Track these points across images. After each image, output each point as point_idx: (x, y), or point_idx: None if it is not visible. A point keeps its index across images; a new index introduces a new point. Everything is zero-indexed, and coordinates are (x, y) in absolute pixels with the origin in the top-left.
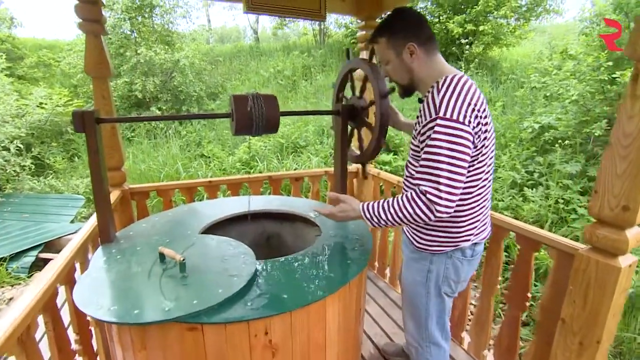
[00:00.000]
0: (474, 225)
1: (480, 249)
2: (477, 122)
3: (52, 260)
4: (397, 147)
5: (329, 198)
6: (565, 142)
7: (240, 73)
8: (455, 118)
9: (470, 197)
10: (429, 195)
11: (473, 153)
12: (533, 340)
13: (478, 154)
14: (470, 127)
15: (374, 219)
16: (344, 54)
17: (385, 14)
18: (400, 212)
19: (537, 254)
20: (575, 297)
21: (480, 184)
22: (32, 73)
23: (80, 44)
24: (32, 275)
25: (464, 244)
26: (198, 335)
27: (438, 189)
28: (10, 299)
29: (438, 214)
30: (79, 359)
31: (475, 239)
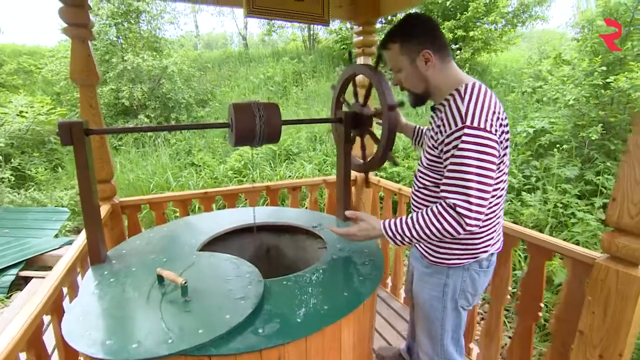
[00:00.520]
0: (491, 236)
1: (495, 259)
2: (501, 130)
3: (37, 283)
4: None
5: (347, 216)
6: (563, 146)
7: (230, 79)
8: (483, 127)
9: (488, 208)
10: (459, 209)
11: (498, 160)
12: (548, 352)
13: (500, 163)
14: (497, 135)
15: (397, 237)
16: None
17: (383, 19)
18: (427, 228)
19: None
20: (595, 308)
21: (499, 194)
22: (11, 80)
23: (64, 50)
24: (11, 296)
25: (482, 256)
26: None
27: (469, 202)
28: None
29: (468, 228)
30: None
31: (492, 249)
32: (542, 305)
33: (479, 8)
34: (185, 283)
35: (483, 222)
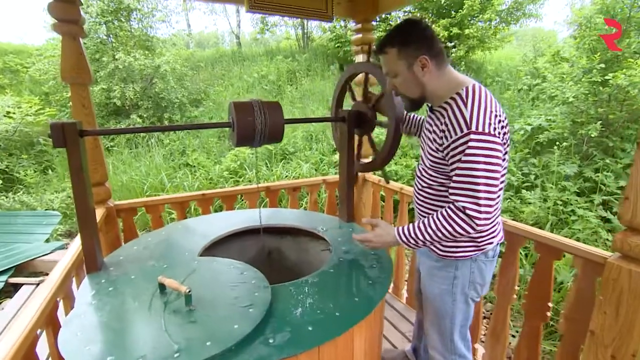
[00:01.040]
0: (495, 229)
1: (498, 249)
2: (503, 132)
3: (27, 290)
4: None
5: (364, 223)
6: (563, 143)
7: (223, 79)
8: (487, 131)
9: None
10: (469, 211)
11: (502, 163)
12: (558, 353)
13: (502, 161)
14: (500, 138)
15: (411, 242)
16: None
17: (381, 17)
18: (439, 231)
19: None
20: (606, 307)
21: (500, 187)
22: None
23: (52, 49)
24: (0, 303)
25: (488, 247)
26: None
27: (477, 204)
28: None
29: (478, 228)
30: None
31: (496, 240)
32: (550, 306)
33: (474, 6)
34: (189, 292)
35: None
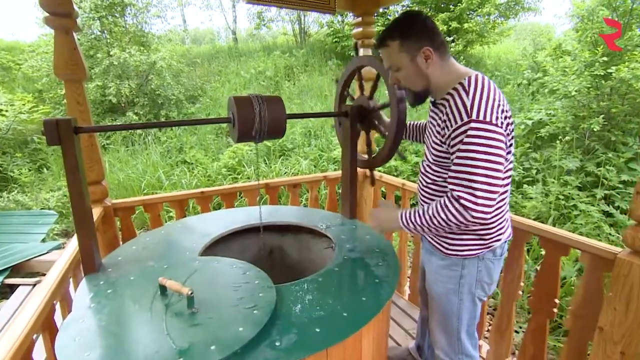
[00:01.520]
0: (502, 225)
1: (506, 246)
2: (506, 122)
3: (24, 291)
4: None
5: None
6: (566, 137)
7: (220, 75)
8: (489, 120)
9: (499, 197)
10: (463, 201)
11: (505, 153)
12: (564, 349)
13: (507, 154)
14: (503, 128)
15: (410, 225)
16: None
17: (379, 11)
18: (435, 218)
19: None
20: (616, 304)
21: (506, 182)
22: None
23: (45, 45)
24: None
25: (496, 244)
26: None
27: (474, 195)
28: None
29: (473, 220)
30: None
31: (504, 237)
32: (557, 302)
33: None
34: (192, 293)
35: (492, 213)
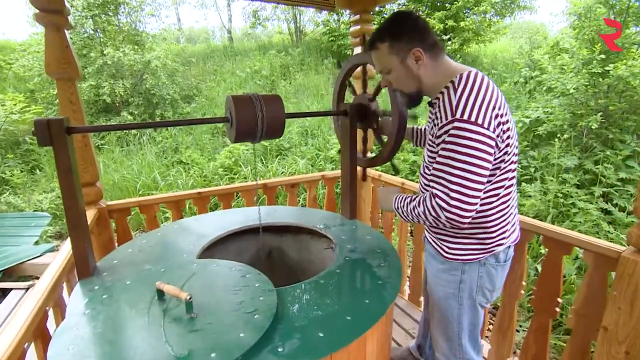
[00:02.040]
0: (505, 229)
1: (512, 252)
2: (497, 122)
3: (17, 295)
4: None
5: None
6: (564, 135)
7: (215, 74)
8: (474, 120)
9: (497, 199)
10: (437, 199)
11: (497, 155)
12: (567, 349)
13: (503, 155)
14: (491, 130)
15: (399, 210)
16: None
17: (374, 10)
18: (416, 209)
19: (543, 250)
20: (621, 303)
21: (507, 184)
22: None
23: (36, 44)
24: None
25: (498, 249)
26: None
27: (448, 195)
28: None
29: (448, 220)
30: None
31: (508, 242)
32: (559, 301)
33: None
34: (190, 298)
35: (492, 215)
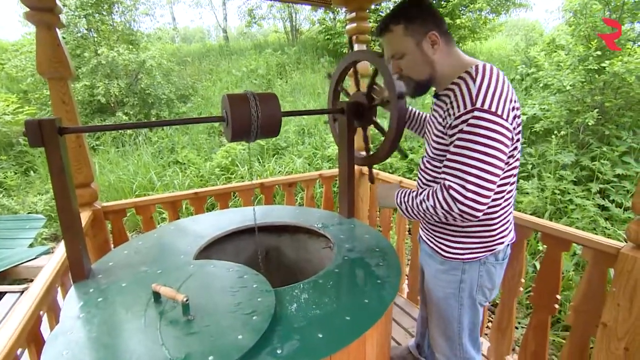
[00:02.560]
0: (506, 227)
1: (509, 250)
2: (513, 115)
3: (11, 298)
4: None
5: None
6: (561, 132)
7: (211, 73)
8: (494, 111)
9: (502, 196)
10: (452, 191)
11: (510, 148)
12: (566, 346)
13: (513, 150)
14: (509, 122)
15: (402, 205)
16: (325, 49)
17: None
18: (424, 203)
19: (540, 247)
20: (620, 299)
21: (512, 180)
22: None
23: (29, 44)
24: None
25: (499, 247)
26: None
27: (464, 187)
28: None
29: (461, 213)
30: None
31: (507, 240)
32: (558, 298)
33: None
34: (187, 300)
35: (497, 212)
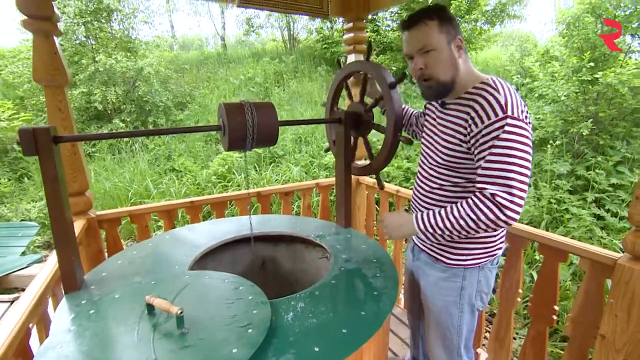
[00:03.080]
0: (505, 232)
1: (500, 254)
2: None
3: (1, 308)
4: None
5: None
6: (556, 142)
7: (209, 81)
8: (522, 118)
9: None
10: (499, 199)
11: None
12: (564, 357)
13: None
14: (530, 129)
15: (428, 229)
16: (322, 58)
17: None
18: (462, 219)
19: (537, 256)
20: (618, 311)
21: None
22: None
23: (26, 51)
24: None
25: (498, 253)
26: None
27: (510, 193)
28: None
29: (506, 219)
30: None
31: (504, 245)
32: (556, 309)
33: (462, 6)
34: (181, 313)
35: None
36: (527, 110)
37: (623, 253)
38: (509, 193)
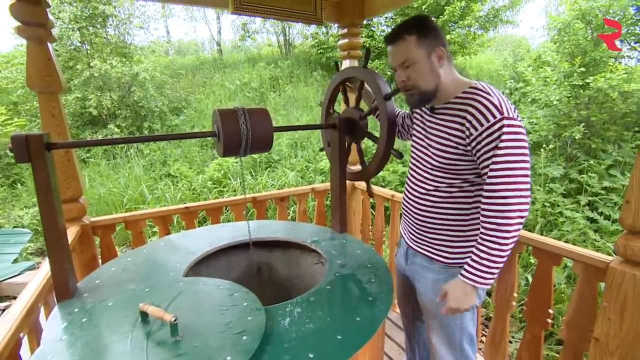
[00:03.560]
0: None
1: None
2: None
3: None
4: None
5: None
6: (550, 145)
7: (204, 86)
8: (516, 117)
9: None
10: (516, 200)
11: None
12: None
13: None
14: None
15: (488, 278)
16: (318, 63)
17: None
18: (506, 239)
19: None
20: (611, 314)
21: None
22: None
23: (20, 56)
24: None
25: None
26: None
27: (522, 195)
28: None
29: (521, 221)
30: None
31: None
32: (551, 312)
33: (455, 12)
34: (175, 320)
35: None
36: (517, 112)
37: (615, 256)
38: (522, 196)
